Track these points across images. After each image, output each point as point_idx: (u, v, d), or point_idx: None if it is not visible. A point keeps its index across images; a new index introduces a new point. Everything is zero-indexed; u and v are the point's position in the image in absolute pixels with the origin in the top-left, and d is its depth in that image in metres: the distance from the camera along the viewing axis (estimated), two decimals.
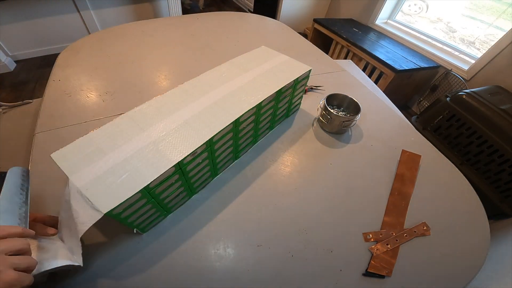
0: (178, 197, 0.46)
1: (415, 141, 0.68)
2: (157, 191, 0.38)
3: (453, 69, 1.71)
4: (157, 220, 0.46)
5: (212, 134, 0.42)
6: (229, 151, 0.52)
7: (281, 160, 0.60)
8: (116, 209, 0.33)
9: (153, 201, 0.39)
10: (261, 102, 0.50)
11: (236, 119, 0.46)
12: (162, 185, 0.38)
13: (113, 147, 0.39)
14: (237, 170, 0.57)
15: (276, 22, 1.28)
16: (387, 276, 0.43)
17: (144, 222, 0.42)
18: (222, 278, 0.42)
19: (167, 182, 0.39)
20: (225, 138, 0.47)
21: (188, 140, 0.41)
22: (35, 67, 2.07)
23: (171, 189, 0.42)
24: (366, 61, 1.87)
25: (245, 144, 0.57)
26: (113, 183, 0.34)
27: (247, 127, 0.52)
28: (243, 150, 0.59)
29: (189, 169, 0.42)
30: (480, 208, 0.55)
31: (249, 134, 0.55)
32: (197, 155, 0.42)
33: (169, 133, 0.42)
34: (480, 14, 1.85)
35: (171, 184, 0.41)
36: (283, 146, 0.63)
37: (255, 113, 0.51)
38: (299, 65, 0.61)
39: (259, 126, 0.57)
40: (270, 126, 0.64)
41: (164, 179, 0.38)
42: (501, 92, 1.29)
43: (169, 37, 1.03)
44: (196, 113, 0.46)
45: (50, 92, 0.72)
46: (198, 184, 0.50)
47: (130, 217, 0.38)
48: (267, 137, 0.65)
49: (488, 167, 1.16)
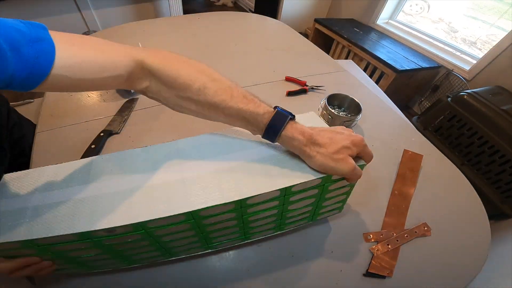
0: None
1: (416, 142, 0.68)
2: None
3: (455, 69, 1.70)
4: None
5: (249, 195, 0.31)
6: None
7: None
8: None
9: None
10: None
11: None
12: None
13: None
14: None
15: (277, 22, 1.28)
16: (388, 277, 0.43)
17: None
18: (222, 278, 0.42)
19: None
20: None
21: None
22: None
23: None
24: (367, 61, 1.87)
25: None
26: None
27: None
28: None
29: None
30: (480, 209, 0.55)
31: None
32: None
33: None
34: (482, 14, 1.85)
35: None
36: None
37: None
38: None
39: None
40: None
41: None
42: (502, 92, 1.29)
43: (170, 37, 1.03)
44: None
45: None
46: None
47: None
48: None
49: (489, 168, 1.16)
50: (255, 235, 0.41)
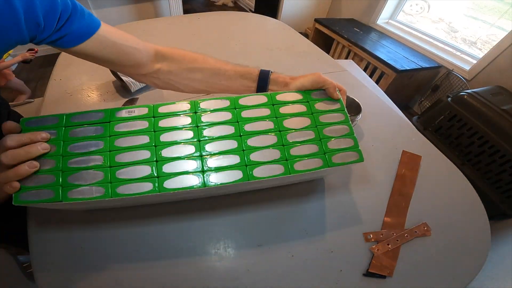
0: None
1: (416, 142, 0.68)
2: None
3: (455, 69, 1.70)
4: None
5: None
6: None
7: None
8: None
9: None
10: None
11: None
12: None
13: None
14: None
15: (277, 22, 1.28)
16: (388, 276, 0.43)
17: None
18: (222, 278, 0.42)
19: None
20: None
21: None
22: (36, 66, 2.07)
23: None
24: (367, 61, 1.87)
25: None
26: None
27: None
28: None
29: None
30: (481, 209, 0.55)
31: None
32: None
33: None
34: (482, 14, 1.85)
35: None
36: None
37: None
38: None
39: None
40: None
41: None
42: (502, 92, 1.29)
43: (170, 37, 1.03)
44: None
45: (51, 91, 0.73)
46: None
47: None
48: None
49: (489, 168, 1.16)
50: (260, 166, 0.38)
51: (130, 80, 0.70)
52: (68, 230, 0.45)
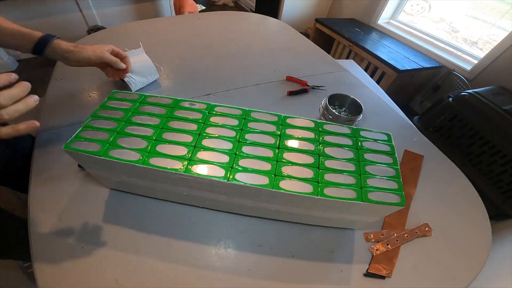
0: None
1: (417, 142, 0.68)
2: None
3: (456, 69, 1.70)
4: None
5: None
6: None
7: None
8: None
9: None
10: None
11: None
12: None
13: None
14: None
15: (278, 21, 1.28)
16: (387, 277, 0.43)
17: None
18: (222, 277, 0.42)
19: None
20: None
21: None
22: (37, 66, 2.07)
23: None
24: (368, 61, 1.87)
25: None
26: None
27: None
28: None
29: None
30: (481, 209, 0.55)
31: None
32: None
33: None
34: (483, 14, 1.84)
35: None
36: None
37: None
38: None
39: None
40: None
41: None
42: (503, 92, 1.28)
43: (171, 37, 1.03)
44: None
45: (51, 91, 0.73)
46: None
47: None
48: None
49: (490, 168, 1.15)
50: (289, 180, 0.36)
51: (131, 79, 0.70)
52: (68, 230, 0.45)
